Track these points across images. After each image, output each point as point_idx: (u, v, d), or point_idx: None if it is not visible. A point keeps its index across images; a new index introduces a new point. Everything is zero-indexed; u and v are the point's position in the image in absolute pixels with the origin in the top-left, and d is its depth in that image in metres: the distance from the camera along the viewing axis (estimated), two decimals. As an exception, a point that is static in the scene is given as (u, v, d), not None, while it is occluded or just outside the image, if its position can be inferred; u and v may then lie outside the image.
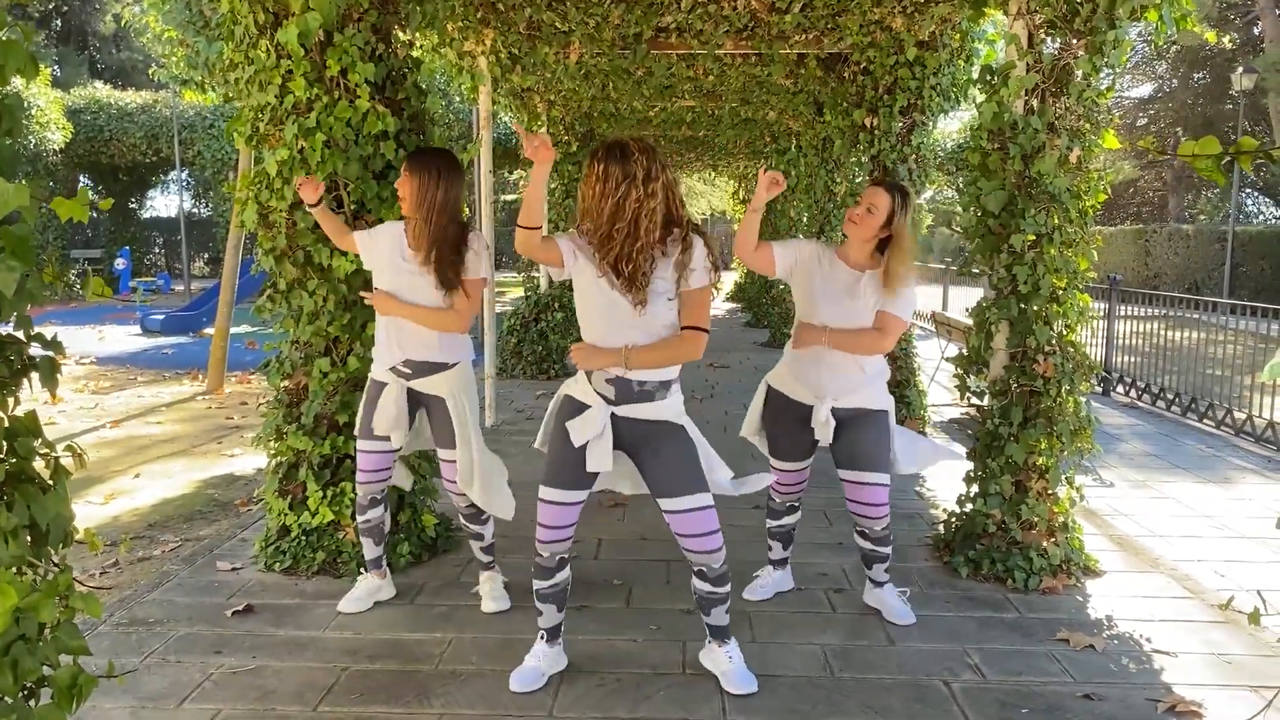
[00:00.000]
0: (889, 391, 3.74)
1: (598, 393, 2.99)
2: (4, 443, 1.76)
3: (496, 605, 3.80)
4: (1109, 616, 3.79)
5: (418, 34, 5.53)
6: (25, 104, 1.66)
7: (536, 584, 3.13)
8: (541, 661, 3.20)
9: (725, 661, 3.17)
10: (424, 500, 4.49)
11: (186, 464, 6.58)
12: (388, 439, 3.65)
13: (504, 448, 6.59)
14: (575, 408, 3.02)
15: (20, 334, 1.79)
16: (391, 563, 4.16)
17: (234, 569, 4.27)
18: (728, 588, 3.10)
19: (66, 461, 1.94)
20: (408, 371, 3.60)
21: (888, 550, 3.67)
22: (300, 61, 3.83)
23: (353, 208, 4.03)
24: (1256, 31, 28.66)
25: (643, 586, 4.07)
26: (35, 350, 1.83)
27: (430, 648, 3.46)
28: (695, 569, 3.08)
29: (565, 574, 3.14)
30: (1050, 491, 4.21)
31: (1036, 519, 4.16)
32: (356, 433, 3.73)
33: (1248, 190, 32.85)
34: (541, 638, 3.23)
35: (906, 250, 3.41)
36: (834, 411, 3.51)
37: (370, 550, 3.81)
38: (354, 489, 4.03)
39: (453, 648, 3.46)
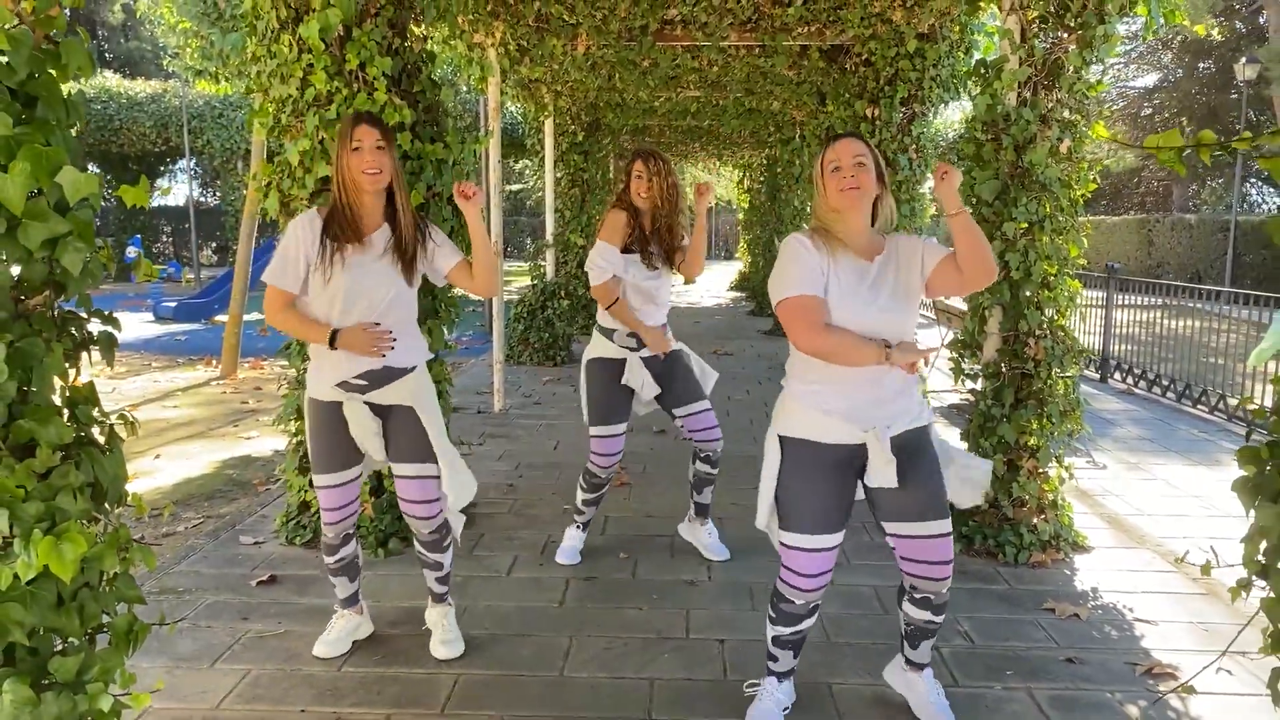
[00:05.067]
0: None
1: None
2: (68, 410, 1.93)
3: (448, 651, 3.29)
4: (1094, 588, 3.96)
5: (430, 27, 5.70)
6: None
7: (585, 496, 4.13)
8: (580, 542, 4.25)
9: (705, 536, 4.28)
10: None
11: (204, 446, 6.77)
12: (348, 470, 3.17)
13: (511, 430, 6.79)
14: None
15: (82, 311, 1.96)
16: (407, 536, 4.33)
17: (256, 543, 4.45)
18: (717, 470, 4.15)
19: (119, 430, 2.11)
20: (363, 384, 3.06)
21: (943, 619, 2.80)
22: (321, 56, 3.99)
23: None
24: (1262, 20, 28.65)
25: (647, 560, 4.25)
26: (95, 325, 2.01)
27: (446, 615, 3.64)
28: (703, 454, 4.12)
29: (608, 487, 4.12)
30: (1041, 470, 4.38)
31: (1027, 497, 4.33)
32: (314, 468, 3.18)
33: (1251, 180, 32.87)
34: (579, 527, 4.25)
35: (893, 205, 2.72)
36: (891, 442, 2.61)
37: (344, 589, 3.37)
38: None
39: (468, 615, 3.64)
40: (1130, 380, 9.32)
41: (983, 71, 4.42)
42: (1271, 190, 33.72)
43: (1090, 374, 9.72)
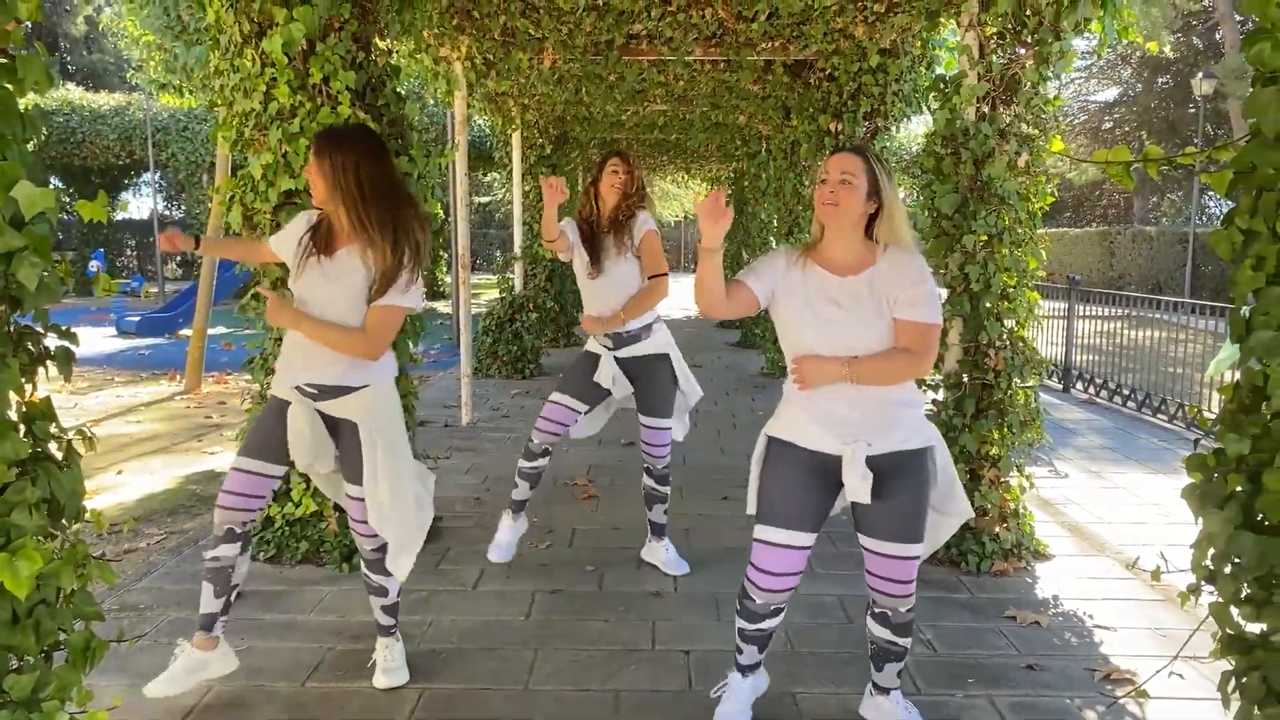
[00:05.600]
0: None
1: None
2: (24, 425, 1.92)
3: (389, 680, 3.14)
4: (1055, 596, 4.01)
5: (395, 40, 5.70)
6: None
7: (520, 464, 4.17)
8: (510, 533, 4.27)
9: (663, 552, 4.29)
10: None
11: (167, 461, 6.70)
12: (273, 465, 3.03)
13: (479, 444, 6.78)
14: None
15: (39, 326, 1.95)
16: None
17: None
18: (668, 488, 4.24)
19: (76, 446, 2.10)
20: (313, 393, 2.98)
21: (908, 643, 2.76)
22: (284, 70, 3.99)
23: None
24: (1218, 36, 29.23)
25: (613, 572, 4.26)
26: (52, 340, 2.00)
27: (411, 629, 3.62)
28: (645, 465, 4.22)
29: (545, 460, 4.17)
30: (1002, 480, 4.43)
31: (989, 506, 4.38)
32: (239, 449, 3.08)
33: (1209, 193, 33.44)
34: (509, 512, 4.26)
35: (903, 222, 2.64)
36: (868, 461, 2.57)
37: (207, 600, 3.03)
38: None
39: (433, 629, 3.63)
40: (1092, 390, 9.45)
41: (942, 87, 4.49)
42: (1230, 203, 34.31)
43: (1053, 384, 9.85)
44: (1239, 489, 1.91)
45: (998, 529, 4.39)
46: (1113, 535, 4.86)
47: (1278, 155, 1.82)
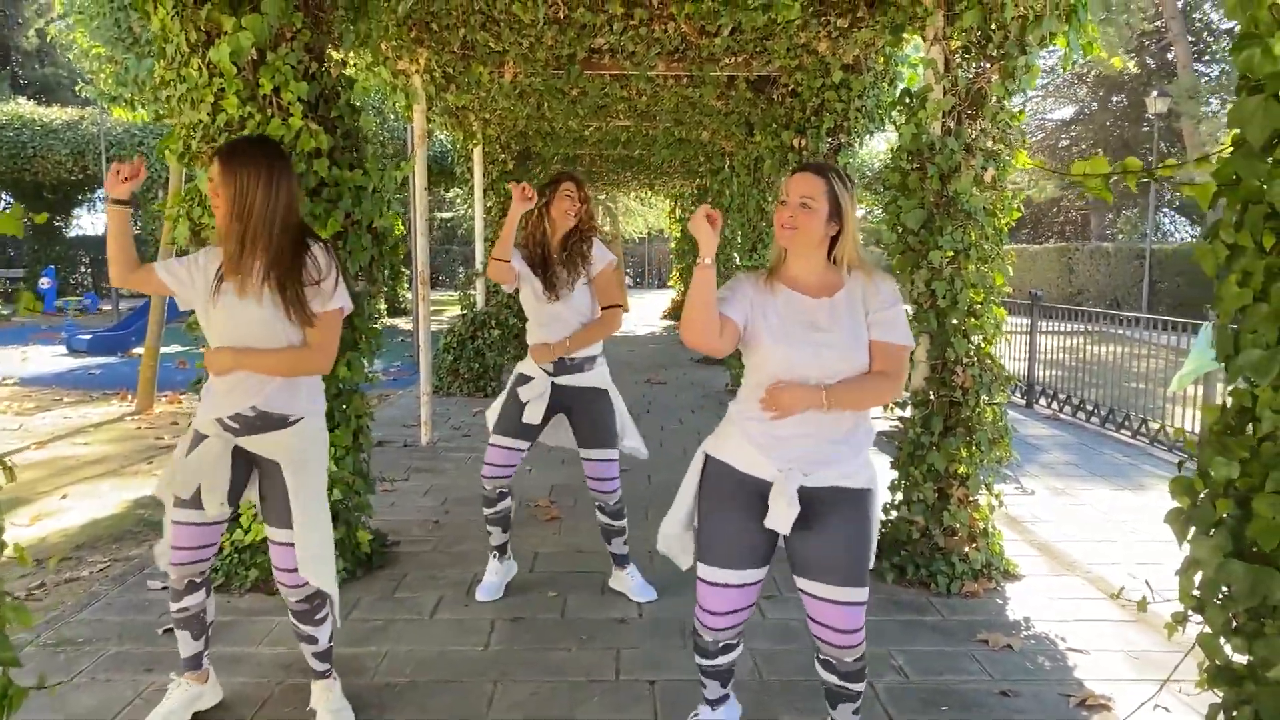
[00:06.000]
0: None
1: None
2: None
3: None
4: (1027, 618, 3.94)
5: (352, 52, 5.58)
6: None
7: (485, 513, 4.06)
8: (497, 575, 4.15)
9: (629, 580, 4.14)
10: (358, 516, 4.49)
11: (116, 484, 6.48)
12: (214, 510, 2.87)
13: (438, 464, 6.62)
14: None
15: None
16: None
17: (165, 587, 4.20)
18: (624, 521, 4.09)
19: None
20: (235, 426, 2.81)
21: (861, 688, 2.55)
22: (233, 80, 3.85)
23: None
24: (1170, 57, 29.78)
25: (577, 597, 4.13)
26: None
27: (365, 661, 3.48)
28: (597, 503, 4.08)
29: (505, 503, 4.06)
30: (971, 499, 4.37)
31: (958, 525, 4.31)
32: (175, 501, 2.91)
33: (1164, 209, 34.03)
34: (494, 556, 4.16)
35: (856, 241, 2.54)
36: (801, 491, 2.42)
37: (186, 646, 2.99)
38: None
39: (388, 660, 3.49)
40: (1056, 406, 9.46)
41: (907, 101, 4.44)
42: (1183, 219, 34.92)
43: (1016, 400, 9.86)
44: (1227, 515, 1.82)
45: (967, 549, 4.32)
46: (1082, 554, 4.81)
47: (1262, 166, 1.75)
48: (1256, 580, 1.74)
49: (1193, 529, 1.96)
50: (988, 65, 4.22)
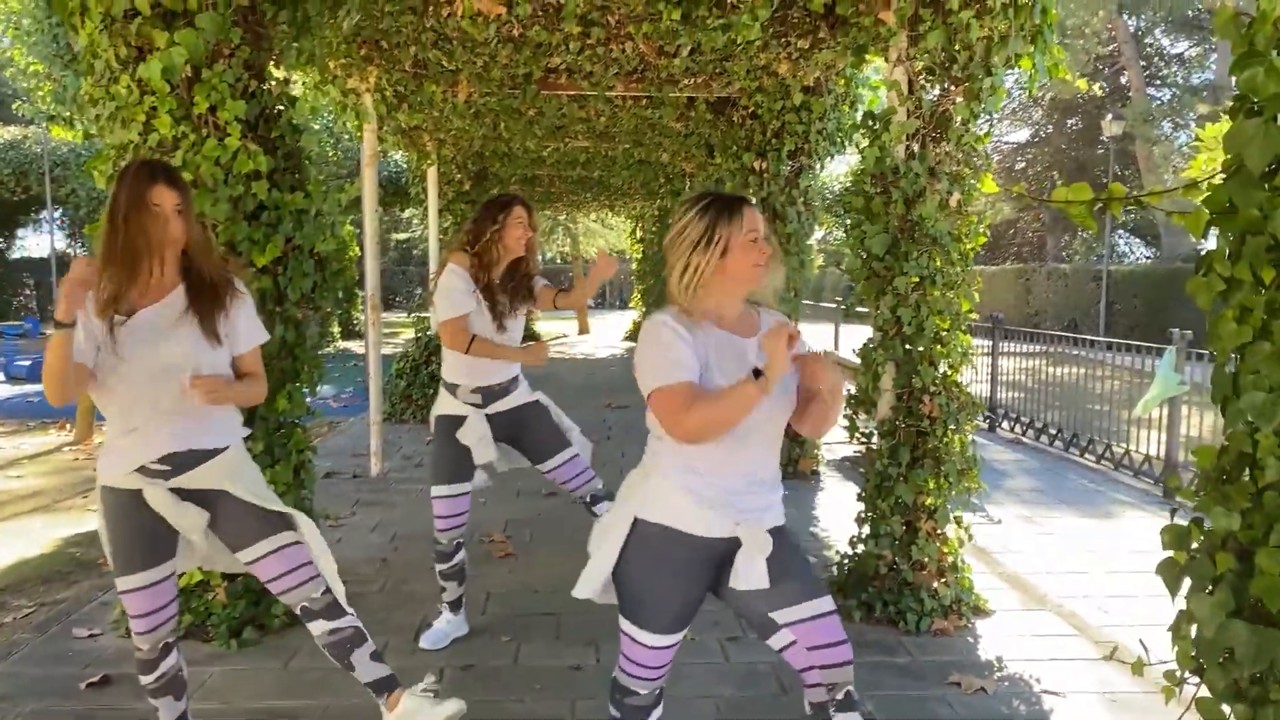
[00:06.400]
0: None
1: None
2: None
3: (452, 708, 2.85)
4: (999, 658, 3.80)
5: (299, 71, 5.37)
6: None
7: (439, 568, 3.86)
8: (448, 626, 3.92)
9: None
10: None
11: (47, 521, 6.18)
12: (161, 566, 2.66)
13: (389, 497, 6.39)
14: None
15: None
16: (265, 624, 3.94)
17: (92, 635, 3.98)
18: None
19: None
20: (165, 469, 2.59)
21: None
22: (165, 98, 3.65)
23: (221, 250, 3.83)
24: (1124, 81, 30.30)
25: (530, 642, 3.92)
26: None
27: (303, 716, 3.25)
28: (584, 500, 3.95)
29: (461, 555, 3.88)
30: (939, 531, 4.23)
31: (927, 559, 4.17)
32: (115, 569, 2.65)
33: (1119, 231, 34.55)
34: (447, 608, 3.93)
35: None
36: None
37: (169, 711, 2.79)
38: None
39: (327, 716, 3.27)
40: (1018, 429, 9.41)
41: (871, 124, 4.33)
42: (1138, 240, 35.47)
43: (979, 423, 9.79)
44: (1229, 569, 1.68)
45: (936, 584, 4.17)
46: (1053, 587, 4.69)
47: (1260, 194, 1.62)
48: (1263, 643, 1.60)
49: (1187, 581, 1.81)
50: (952, 87, 4.11)
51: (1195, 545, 1.82)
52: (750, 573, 2.21)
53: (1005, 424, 9.66)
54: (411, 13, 5.12)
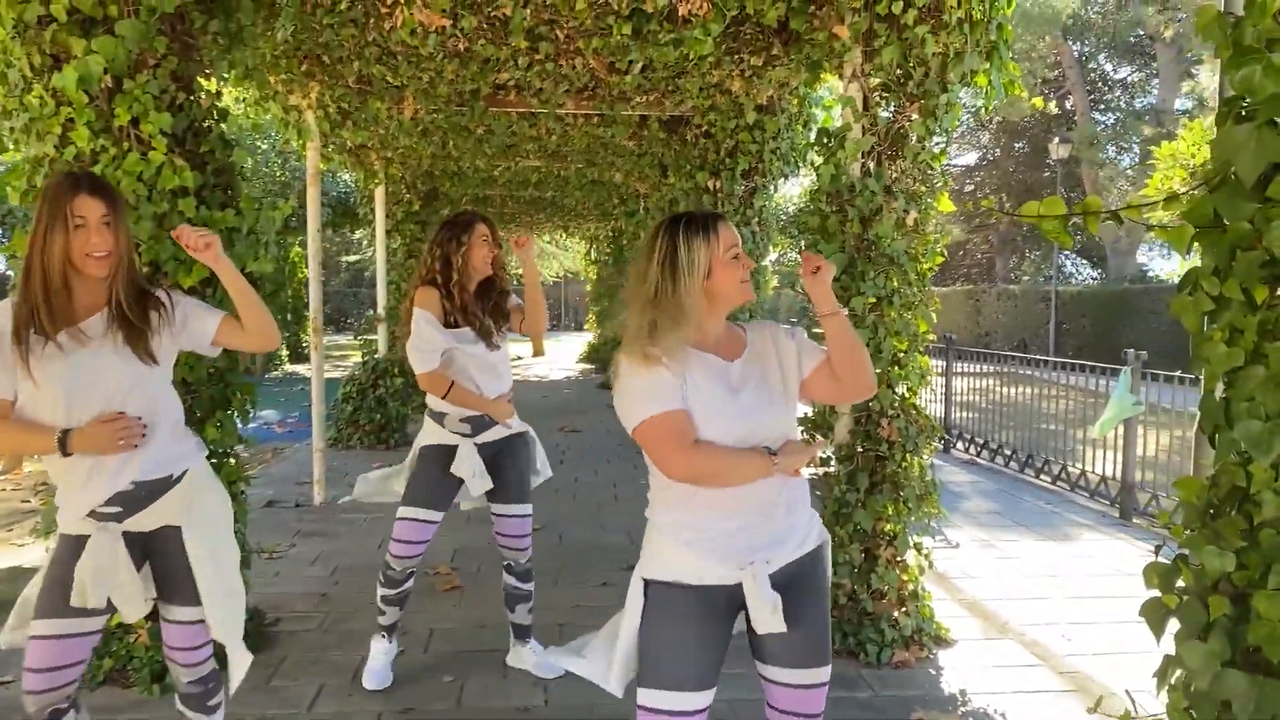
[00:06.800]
0: None
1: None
2: None
3: None
4: (963, 691, 3.67)
5: (237, 86, 5.16)
6: None
7: (383, 592, 3.66)
8: (387, 657, 3.73)
9: (530, 656, 3.80)
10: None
11: (-33, 556, 5.84)
12: (86, 620, 2.39)
13: (331, 527, 6.14)
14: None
15: None
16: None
17: (5, 684, 3.71)
18: (532, 584, 3.82)
19: None
20: (116, 510, 2.40)
21: None
22: (83, 110, 3.43)
23: (145, 270, 3.61)
24: (1069, 105, 30.83)
25: (476, 681, 3.73)
26: None
27: (228, 769, 3.03)
28: (505, 562, 3.78)
29: (410, 582, 3.70)
30: (899, 559, 4.11)
31: (887, 588, 4.04)
32: (35, 609, 2.40)
33: (1066, 252, 35.05)
34: (383, 636, 3.72)
35: None
36: (773, 578, 2.11)
37: None
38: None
39: (254, 769, 3.05)
40: (973, 450, 9.36)
41: (826, 141, 4.23)
42: (1084, 261, 36.02)
43: (935, 445, 9.74)
44: (1223, 614, 1.55)
45: (896, 613, 4.04)
46: (1014, 614, 4.58)
47: (1249, 206, 1.50)
48: (1263, 696, 1.47)
49: (1174, 624, 1.69)
50: (908, 103, 4.02)
51: (1182, 584, 1.69)
52: (761, 619, 2.05)
53: (960, 444, 9.61)
54: (352, 25, 4.94)
